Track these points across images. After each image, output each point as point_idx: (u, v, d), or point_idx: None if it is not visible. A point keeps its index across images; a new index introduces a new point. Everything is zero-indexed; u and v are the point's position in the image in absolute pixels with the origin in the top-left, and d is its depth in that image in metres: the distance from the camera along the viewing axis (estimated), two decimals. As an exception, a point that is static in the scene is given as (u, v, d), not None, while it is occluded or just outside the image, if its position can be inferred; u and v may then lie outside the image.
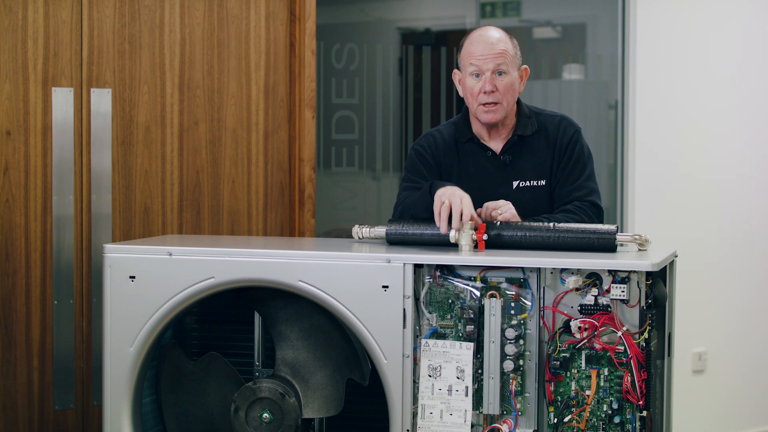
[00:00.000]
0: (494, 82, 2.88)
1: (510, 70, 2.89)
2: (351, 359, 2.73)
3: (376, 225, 2.87)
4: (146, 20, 3.61)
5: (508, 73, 2.89)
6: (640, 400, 2.38)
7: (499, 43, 2.89)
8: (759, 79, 4.94)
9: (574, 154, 2.94)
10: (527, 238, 2.66)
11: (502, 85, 2.89)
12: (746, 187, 4.93)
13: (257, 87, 3.84)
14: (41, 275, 3.45)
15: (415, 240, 2.75)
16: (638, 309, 2.41)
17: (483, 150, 2.97)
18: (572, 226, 2.66)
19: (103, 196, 3.55)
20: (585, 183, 2.93)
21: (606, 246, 2.60)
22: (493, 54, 2.88)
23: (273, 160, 3.88)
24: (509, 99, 2.91)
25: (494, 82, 2.88)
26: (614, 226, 2.64)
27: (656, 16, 4.72)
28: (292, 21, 3.90)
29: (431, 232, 2.72)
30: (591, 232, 2.63)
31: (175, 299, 2.64)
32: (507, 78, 2.89)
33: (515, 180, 2.93)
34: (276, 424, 2.67)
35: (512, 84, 2.90)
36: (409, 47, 4.88)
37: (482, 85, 2.88)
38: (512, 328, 2.48)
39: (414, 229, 2.75)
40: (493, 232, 2.67)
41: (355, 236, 2.88)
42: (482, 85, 2.88)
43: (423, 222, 2.76)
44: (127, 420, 2.68)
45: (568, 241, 2.62)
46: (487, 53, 2.88)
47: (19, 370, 3.43)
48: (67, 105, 3.48)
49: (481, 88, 2.88)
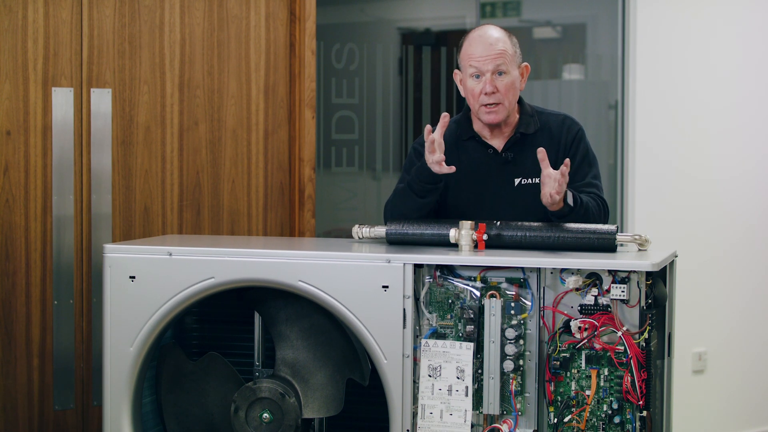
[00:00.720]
0: (495, 83, 2.87)
1: (510, 69, 2.89)
2: (351, 359, 2.73)
3: (376, 225, 2.87)
4: (146, 20, 3.61)
5: (508, 73, 2.88)
6: (640, 400, 2.38)
7: (498, 42, 2.88)
8: (759, 79, 4.94)
9: (579, 151, 2.94)
10: (527, 238, 2.66)
11: (503, 85, 2.88)
12: (746, 187, 4.93)
13: (257, 87, 3.84)
14: (41, 275, 3.45)
15: (415, 240, 2.75)
16: (638, 309, 2.41)
17: (484, 147, 2.97)
18: (572, 226, 2.66)
19: (103, 196, 3.55)
20: (593, 181, 2.94)
21: (606, 246, 2.60)
22: (492, 54, 2.87)
23: (273, 160, 3.88)
24: (510, 98, 2.90)
25: (495, 83, 2.87)
26: (614, 226, 2.64)
27: (656, 16, 4.72)
28: (292, 21, 3.90)
29: (431, 232, 2.72)
30: (591, 233, 2.63)
31: (175, 299, 2.64)
32: (507, 78, 2.88)
33: (516, 177, 2.93)
34: (276, 424, 2.67)
35: (513, 83, 2.90)
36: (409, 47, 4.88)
37: (483, 87, 2.87)
38: (512, 328, 2.48)
39: (414, 229, 2.75)
40: (492, 232, 2.67)
41: (355, 236, 2.88)
42: (483, 87, 2.87)
43: (423, 222, 2.76)
44: (127, 420, 2.68)
45: (569, 241, 2.62)
46: (487, 54, 2.87)
47: (19, 370, 3.43)
48: (67, 105, 3.48)
49: (481, 89, 2.88)
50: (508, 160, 2.94)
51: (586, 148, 2.97)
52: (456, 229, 2.67)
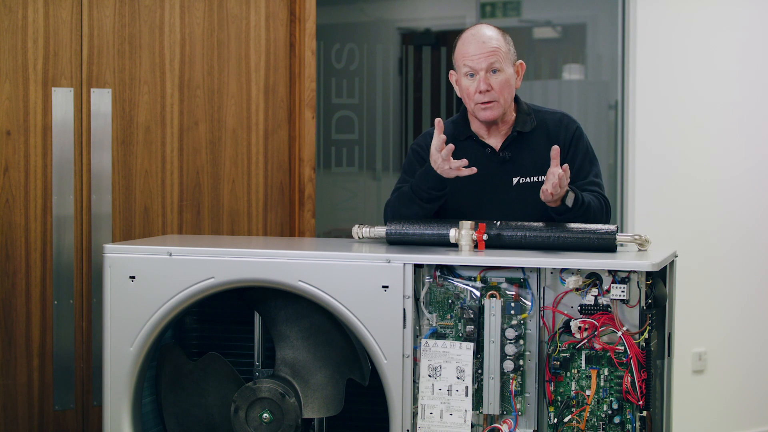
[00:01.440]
0: (489, 81, 2.87)
1: (504, 67, 2.88)
2: (351, 359, 2.73)
3: (376, 225, 2.87)
4: (146, 20, 3.61)
5: (502, 71, 2.88)
6: (640, 400, 2.38)
7: (491, 40, 2.88)
8: (759, 78, 4.94)
9: (580, 150, 2.94)
10: (527, 238, 2.66)
11: (497, 83, 2.88)
12: (746, 187, 4.93)
13: (257, 87, 3.84)
14: (41, 275, 3.45)
15: (415, 240, 2.75)
16: (638, 309, 2.41)
17: (482, 147, 2.96)
18: (573, 226, 2.66)
19: (103, 196, 3.55)
20: (595, 179, 2.94)
21: (606, 246, 2.60)
22: (485, 53, 2.87)
23: (273, 160, 3.88)
24: (506, 96, 2.90)
25: (489, 81, 2.87)
26: (614, 226, 2.64)
27: (656, 16, 4.72)
28: (292, 21, 3.90)
29: (431, 232, 2.72)
30: (591, 233, 2.62)
31: (175, 299, 2.64)
32: (501, 75, 2.88)
33: (515, 176, 2.92)
34: (276, 424, 2.67)
35: (507, 81, 2.89)
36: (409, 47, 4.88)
37: (477, 85, 2.87)
38: (512, 328, 2.48)
39: (414, 229, 2.75)
40: (493, 232, 2.67)
41: (355, 236, 2.88)
42: (477, 85, 2.87)
43: (423, 222, 2.76)
44: (127, 420, 2.68)
45: (568, 242, 2.62)
46: (480, 52, 2.87)
47: (19, 370, 3.43)
48: (67, 105, 3.48)
49: (476, 88, 2.88)
50: (506, 159, 2.94)
51: (586, 146, 2.96)
52: (456, 229, 2.67)
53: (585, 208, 2.78)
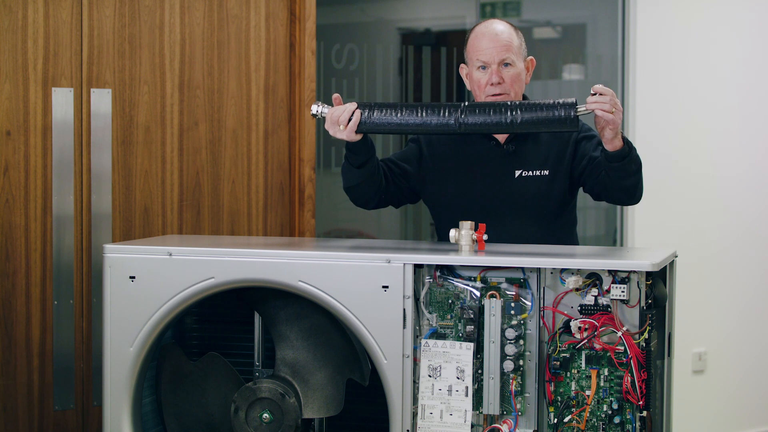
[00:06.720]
0: (501, 74, 2.94)
1: (516, 61, 2.95)
2: (351, 359, 2.73)
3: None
4: (146, 20, 3.61)
5: (514, 65, 2.95)
6: (640, 400, 2.38)
7: (504, 35, 2.95)
8: (759, 78, 4.94)
9: (594, 138, 2.97)
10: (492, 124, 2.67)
11: (509, 76, 2.94)
12: (746, 186, 4.94)
13: (257, 87, 3.84)
14: (41, 275, 3.45)
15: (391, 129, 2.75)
16: (638, 309, 2.41)
17: (487, 140, 3.00)
18: (529, 103, 2.66)
19: (103, 196, 3.55)
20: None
21: (565, 119, 2.61)
22: (498, 46, 2.93)
23: (273, 160, 3.88)
24: (516, 89, 2.96)
25: (501, 74, 2.94)
26: (572, 99, 2.64)
27: (656, 16, 4.72)
28: (292, 21, 3.90)
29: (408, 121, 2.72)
30: (550, 107, 2.63)
31: (175, 299, 2.64)
32: (513, 69, 2.94)
33: (517, 169, 2.97)
34: (276, 425, 2.67)
35: (518, 75, 2.96)
36: (409, 47, 4.88)
37: (489, 78, 2.93)
38: (512, 329, 2.48)
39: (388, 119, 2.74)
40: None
41: (317, 113, 2.84)
42: (489, 78, 2.93)
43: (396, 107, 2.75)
44: (127, 420, 2.68)
45: (526, 119, 2.63)
46: (493, 46, 2.93)
47: (19, 370, 3.43)
48: (67, 105, 3.48)
49: (488, 80, 2.94)
50: (510, 152, 2.98)
51: (595, 135, 3.00)
52: (456, 229, 2.67)
53: (637, 156, 2.77)
